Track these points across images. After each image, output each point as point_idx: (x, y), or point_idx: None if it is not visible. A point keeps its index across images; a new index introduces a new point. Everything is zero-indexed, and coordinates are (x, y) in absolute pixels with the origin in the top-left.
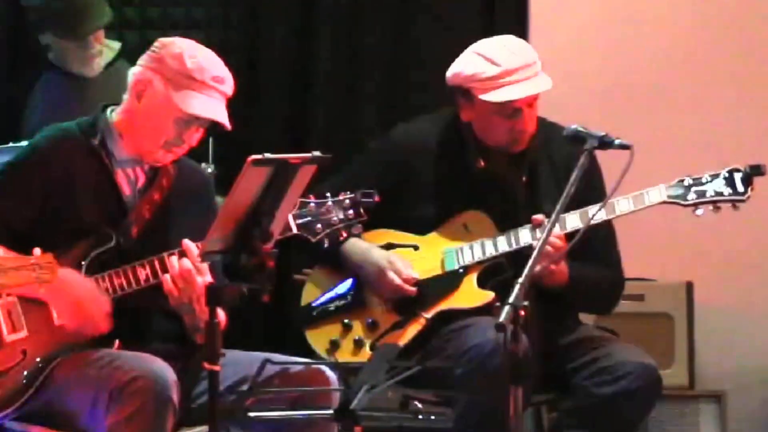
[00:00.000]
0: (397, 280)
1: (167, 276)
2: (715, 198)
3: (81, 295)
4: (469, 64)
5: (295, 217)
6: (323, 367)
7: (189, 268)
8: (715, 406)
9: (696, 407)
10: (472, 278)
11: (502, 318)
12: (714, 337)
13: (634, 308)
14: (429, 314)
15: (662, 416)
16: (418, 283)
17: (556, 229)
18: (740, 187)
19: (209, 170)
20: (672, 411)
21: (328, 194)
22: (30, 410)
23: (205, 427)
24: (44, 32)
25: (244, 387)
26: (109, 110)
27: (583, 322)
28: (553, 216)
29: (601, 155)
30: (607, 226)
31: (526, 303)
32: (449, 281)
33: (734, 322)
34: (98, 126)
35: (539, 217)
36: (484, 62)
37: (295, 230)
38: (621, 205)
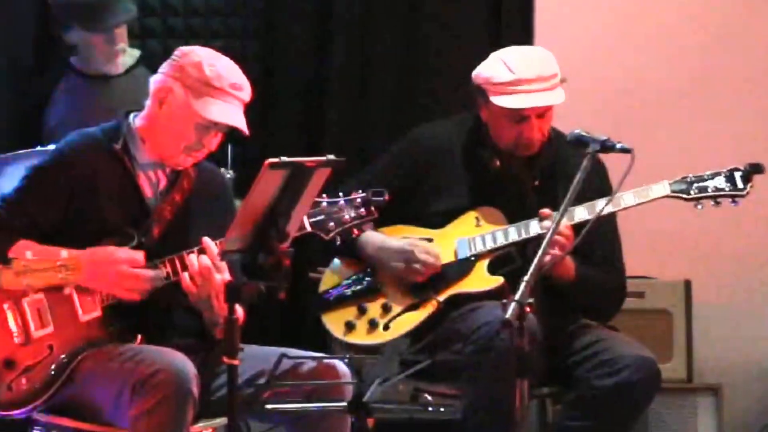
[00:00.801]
0: (429, 257)
1: (186, 273)
2: (715, 193)
3: (112, 265)
4: (489, 66)
5: (309, 216)
6: (336, 362)
7: (208, 265)
8: (712, 399)
9: (694, 400)
10: (482, 265)
11: (508, 314)
12: (711, 332)
13: (634, 305)
14: (441, 297)
15: (661, 408)
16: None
17: (564, 223)
18: (740, 184)
19: (228, 176)
20: (670, 403)
21: (341, 193)
22: (57, 403)
23: (224, 419)
24: (71, 29)
25: (262, 380)
26: (131, 116)
27: (586, 319)
28: (561, 209)
29: (606, 158)
30: (612, 234)
31: (531, 300)
32: (461, 267)
33: (730, 319)
34: (121, 131)
35: (547, 210)
36: (503, 68)
37: (308, 228)
38: (626, 198)
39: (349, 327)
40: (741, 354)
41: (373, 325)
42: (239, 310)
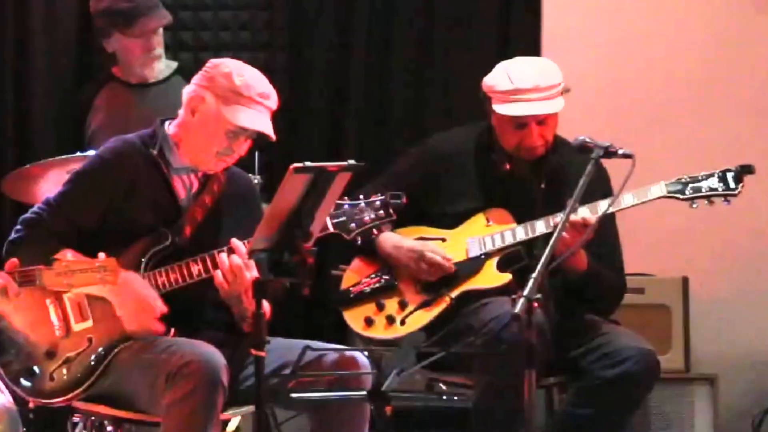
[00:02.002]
0: (438, 258)
1: (218, 271)
2: (709, 193)
3: (140, 297)
4: (494, 76)
5: (331, 217)
6: (357, 354)
7: (238, 264)
8: (708, 388)
9: (691, 389)
10: (492, 263)
11: (517, 309)
12: (707, 326)
13: (635, 300)
14: (454, 294)
15: (660, 397)
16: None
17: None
18: (732, 184)
19: (256, 180)
20: (669, 392)
21: (361, 196)
22: (95, 392)
23: (251, 407)
24: (111, 35)
25: (287, 371)
26: (166, 123)
27: (589, 314)
28: (568, 209)
29: (606, 161)
30: (612, 235)
31: (539, 296)
32: (472, 266)
33: (725, 313)
34: (157, 138)
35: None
36: (504, 77)
37: (331, 229)
38: (625, 199)
39: (369, 322)
40: (735, 346)
41: (390, 320)
42: (266, 306)
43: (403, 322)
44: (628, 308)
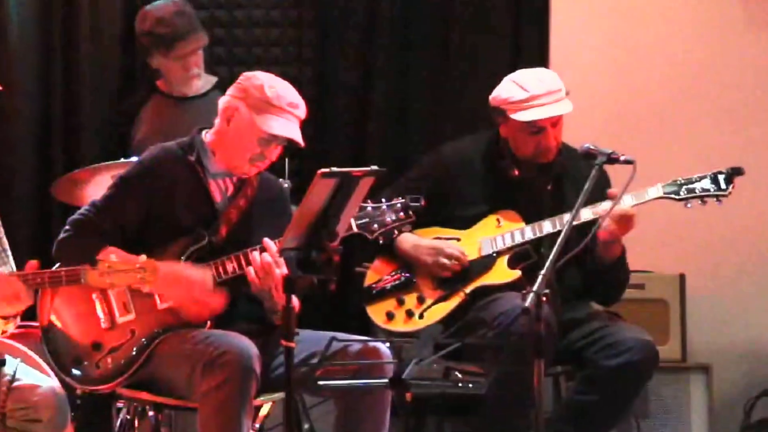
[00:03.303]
0: (457, 252)
1: (251, 268)
2: (702, 194)
3: (189, 281)
4: (505, 89)
5: (356, 219)
6: (379, 345)
7: (269, 261)
8: (703, 377)
9: (687, 377)
10: (503, 261)
11: (527, 303)
12: (702, 319)
13: (635, 295)
14: (468, 289)
15: (659, 384)
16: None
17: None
18: (723, 185)
19: (286, 185)
20: (667, 380)
21: (383, 199)
22: (138, 379)
23: (282, 394)
24: (152, 55)
25: (314, 360)
26: (203, 132)
27: (594, 308)
28: (573, 211)
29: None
30: None
31: (547, 291)
32: (484, 263)
33: (719, 307)
34: (195, 145)
35: (614, 190)
36: (517, 88)
37: (355, 229)
38: (625, 199)
39: (390, 316)
40: (728, 338)
41: (409, 314)
42: (295, 300)
43: (421, 316)
44: (630, 303)
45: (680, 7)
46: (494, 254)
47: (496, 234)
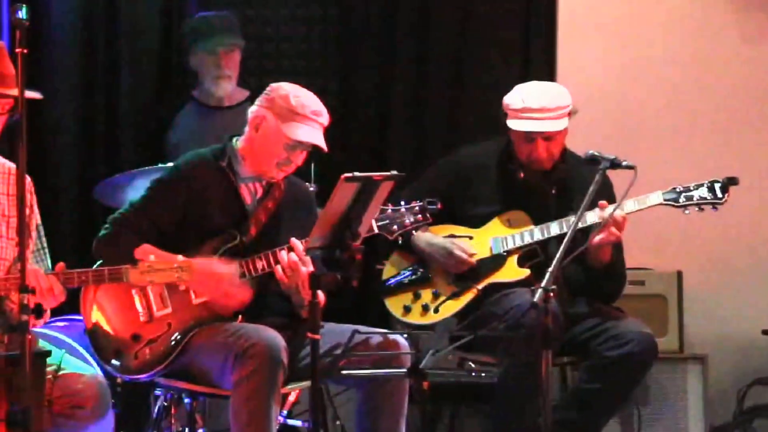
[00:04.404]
0: (464, 255)
1: (279, 266)
2: (699, 201)
3: (221, 278)
4: (511, 95)
5: (377, 220)
6: (398, 337)
7: (296, 260)
8: (699, 366)
9: (684, 367)
10: (513, 259)
11: (536, 298)
12: (698, 313)
13: (636, 291)
14: (480, 286)
15: (658, 374)
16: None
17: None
18: (719, 194)
19: (311, 188)
20: (666, 370)
21: (402, 202)
22: (174, 369)
23: (308, 382)
24: (192, 52)
25: (338, 351)
26: (234, 139)
27: (597, 303)
28: (578, 213)
29: (612, 171)
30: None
31: (554, 287)
32: (496, 262)
33: (714, 302)
34: (226, 151)
35: (604, 202)
36: (518, 97)
37: (376, 230)
38: (628, 205)
39: (407, 310)
40: (722, 330)
41: (425, 308)
42: (321, 296)
43: (436, 310)
44: (631, 298)
45: (678, 23)
46: (504, 253)
47: (506, 234)
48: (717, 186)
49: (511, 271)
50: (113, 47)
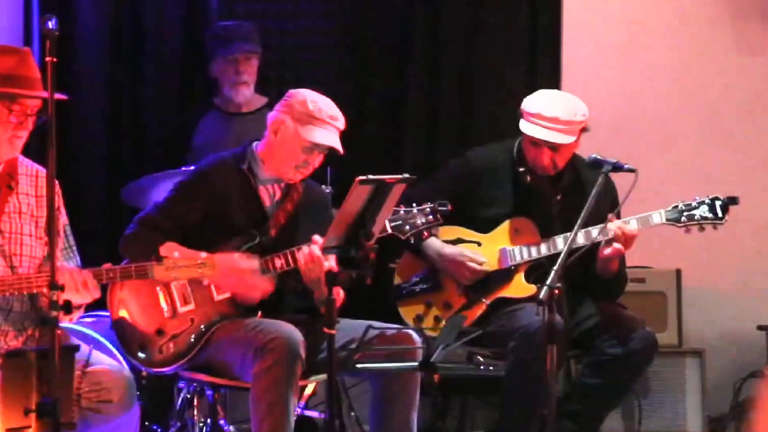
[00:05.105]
0: (476, 267)
1: (302, 259)
2: (701, 222)
3: (241, 272)
4: (532, 97)
5: (390, 221)
6: (410, 332)
7: (318, 254)
8: (697, 360)
9: (683, 360)
10: (521, 274)
11: (542, 295)
12: (696, 309)
13: (637, 288)
14: (489, 300)
15: (658, 367)
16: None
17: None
18: (719, 213)
19: (327, 190)
20: (665, 364)
21: (414, 203)
22: (196, 363)
23: (324, 375)
24: (213, 58)
25: (353, 346)
26: (254, 143)
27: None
28: (579, 220)
29: (615, 177)
30: None
31: (559, 284)
32: (504, 276)
33: (711, 299)
34: (246, 155)
35: (612, 215)
36: (536, 102)
37: (389, 230)
38: (632, 224)
39: (419, 319)
40: (719, 326)
41: (437, 320)
42: (341, 292)
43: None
44: (632, 295)
45: (678, 36)
46: (512, 267)
47: (514, 245)
48: (718, 204)
49: (519, 288)
50: (139, 56)
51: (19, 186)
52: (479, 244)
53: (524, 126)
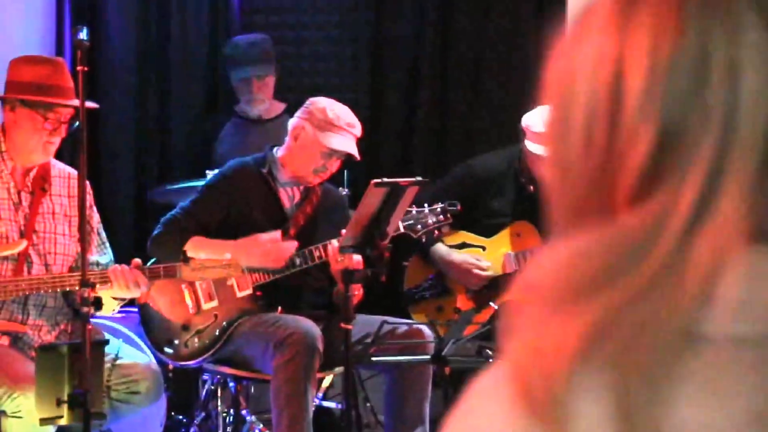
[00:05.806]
0: (483, 274)
1: (330, 249)
2: None
3: (263, 245)
4: (532, 116)
5: (403, 221)
6: (423, 327)
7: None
8: None
9: None
10: None
11: None
12: None
13: None
14: (497, 303)
15: None
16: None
17: None
18: None
19: (344, 193)
20: None
21: (426, 204)
22: (220, 356)
23: (341, 368)
24: (230, 73)
25: (368, 340)
26: (274, 149)
27: None
28: None
29: None
30: None
31: None
32: (510, 279)
33: None
34: (267, 159)
35: None
36: (538, 120)
37: (402, 230)
38: None
39: (432, 324)
40: None
41: (449, 326)
42: (360, 290)
43: None
44: None
45: None
46: (518, 271)
47: (516, 249)
48: None
49: None
50: (165, 66)
51: (52, 188)
52: (484, 249)
53: (530, 146)
